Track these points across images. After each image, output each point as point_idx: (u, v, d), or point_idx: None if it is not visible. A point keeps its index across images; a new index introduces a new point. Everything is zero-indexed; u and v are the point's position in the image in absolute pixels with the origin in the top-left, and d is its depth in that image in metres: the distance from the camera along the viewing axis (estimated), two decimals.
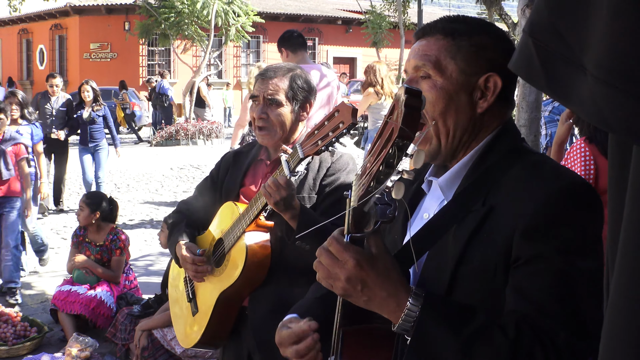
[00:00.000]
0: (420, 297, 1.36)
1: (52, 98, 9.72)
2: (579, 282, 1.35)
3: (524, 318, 1.34)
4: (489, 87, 1.54)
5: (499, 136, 1.56)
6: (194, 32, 21.72)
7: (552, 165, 1.51)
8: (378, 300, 1.36)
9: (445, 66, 1.53)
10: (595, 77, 0.75)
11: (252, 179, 2.85)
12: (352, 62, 35.08)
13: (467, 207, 1.47)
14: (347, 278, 1.34)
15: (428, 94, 1.53)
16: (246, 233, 2.60)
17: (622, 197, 0.82)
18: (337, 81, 6.20)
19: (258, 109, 2.72)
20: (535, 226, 1.37)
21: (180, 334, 2.98)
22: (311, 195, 2.69)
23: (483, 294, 1.42)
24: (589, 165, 3.18)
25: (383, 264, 1.36)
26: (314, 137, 2.22)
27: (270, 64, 2.95)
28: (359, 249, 1.35)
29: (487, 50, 1.54)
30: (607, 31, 0.73)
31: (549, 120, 5.52)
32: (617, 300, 0.80)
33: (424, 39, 1.59)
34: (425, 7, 27.83)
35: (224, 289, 2.65)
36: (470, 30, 1.56)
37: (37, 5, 24.68)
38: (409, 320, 1.35)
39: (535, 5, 0.85)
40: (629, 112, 0.72)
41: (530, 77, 0.86)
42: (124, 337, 4.88)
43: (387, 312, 1.38)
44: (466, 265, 1.44)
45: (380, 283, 1.35)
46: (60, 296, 5.34)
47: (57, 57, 31.99)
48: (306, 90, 2.79)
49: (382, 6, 25.71)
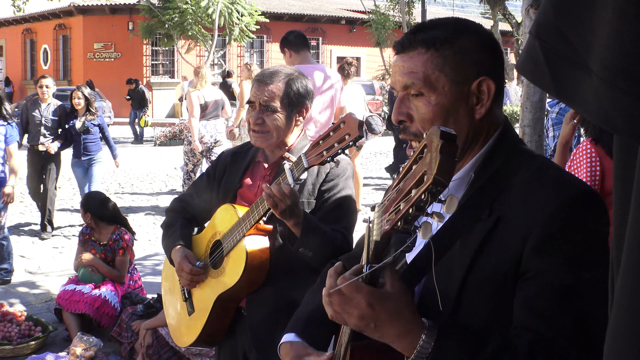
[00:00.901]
0: (434, 332, 1.35)
1: (42, 105, 8.53)
2: (588, 295, 1.34)
3: (536, 339, 1.34)
4: (482, 91, 1.51)
5: (498, 141, 1.55)
6: (197, 32, 21.73)
7: (556, 171, 1.49)
8: (391, 338, 1.37)
9: (436, 80, 1.50)
10: (600, 79, 0.75)
11: (250, 180, 2.85)
12: (356, 62, 35.08)
13: (474, 215, 1.46)
14: (359, 316, 1.35)
15: (424, 111, 1.51)
16: (246, 237, 2.60)
17: (627, 198, 0.82)
18: (340, 82, 6.21)
19: (254, 114, 2.73)
20: (545, 239, 1.36)
21: (176, 332, 2.98)
22: (310, 201, 2.70)
23: (492, 304, 1.42)
24: (594, 167, 3.18)
25: (395, 303, 1.35)
26: (319, 148, 2.22)
27: (266, 68, 2.93)
28: (371, 290, 1.35)
29: (471, 53, 1.51)
30: (612, 33, 0.73)
31: (557, 122, 5.48)
32: (622, 301, 0.80)
33: (405, 54, 1.55)
34: (429, 7, 27.85)
35: (222, 291, 2.66)
36: (449, 35, 1.52)
37: (41, 5, 24.75)
38: (421, 357, 1.35)
39: (541, 7, 0.85)
40: (633, 114, 0.73)
41: (537, 78, 0.87)
42: (129, 335, 4.89)
43: (401, 348, 1.38)
44: (475, 275, 1.43)
45: (392, 322, 1.35)
46: (65, 295, 5.36)
47: (60, 57, 32.05)
48: (302, 95, 2.78)
49: (386, 6, 25.70)
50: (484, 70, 1.51)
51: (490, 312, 1.41)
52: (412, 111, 1.53)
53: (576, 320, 1.34)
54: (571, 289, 1.34)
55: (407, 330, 1.35)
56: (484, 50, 1.54)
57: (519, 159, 1.51)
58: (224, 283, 2.66)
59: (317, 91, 5.73)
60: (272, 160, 2.82)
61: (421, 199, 1.19)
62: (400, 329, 1.35)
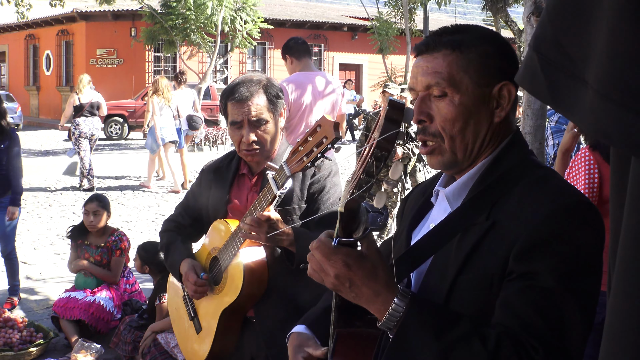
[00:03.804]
0: (407, 297, 1.40)
1: None
2: (569, 302, 1.35)
3: (506, 331, 1.35)
4: (503, 95, 1.54)
5: (507, 148, 1.57)
6: (199, 38, 21.78)
7: (557, 182, 1.51)
8: (365, 298, 1.42)
9: (460, 81, 1.52)
10: (596, 91, 0.77)
11: (237, 194, 2.85)
12: (358, 69, 35.13)
13: (471, 218, 1.49)
14: (335, 275, 1.40)
15: (446, 111, 1.53)
16: (241, 250, 2.61)
17: (622, 204, 0.84)
18: (341, 88, 6.23)
19: (245, 133, 2.68)
20: (533, 243, 1.38)
21: (188, 352, 2.99)
22: (301, 205, 2.70)
23: (479, 305, 1.44)
24: (593, 174, 3.18)
25: (371, 264, 1.41)
26: (299, 154, 2.20)
27: (230, 83, 2.81)
28: (347, 250, 1.41)
29: (494, 59, 1.55)
30: (607, 47, 0.75)
31: (556, 130, 5.49)
32: (616, 303, 0.82)
33: (429, 55, 1.57)
34: (431, 14, 27.91)
35: (225, 307, 2.67)
36: (474, 40, 1.56)
37: (44, 11, 24.80)
38: (392, 319, 1.40)
39: (540, 20, 0.87)
40: (628, 126, 0.74)
41: (535, 90, 0.89)
42: (127, 348, 4.89)
43: (374, 310, 1.43)
44: (465, 276, 1.46)
45: (367, 282, 1.40)
46: (60, 303, 5.38)
47: (63, 63, 32.12)
48: (280, 97, 2.78)
49: (389, 13, 25.75)
50: (505, 76, 1.54)
51: (475, 313, 1.43)
52: (432, 111, 1.56)
53: (550, 325, 1.35)
54: (551, 294, 1.35)
55: (381, 291, 1.41)
56: (505, 57, 1.57)
57: (524, 168, 1.53)
58: (226, 299, 2.67)
59: (319, 96, 5.75)
60: (257, 171, 2.81)
61: (369, 163, 1.30)
62: (375, 288, 1.41)
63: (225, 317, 2.70)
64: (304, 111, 5.64)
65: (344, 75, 33.10)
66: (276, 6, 34.46)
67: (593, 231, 1.41)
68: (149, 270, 5.27)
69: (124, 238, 5.68)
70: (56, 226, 9.38)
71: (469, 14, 49.28)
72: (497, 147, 1.57)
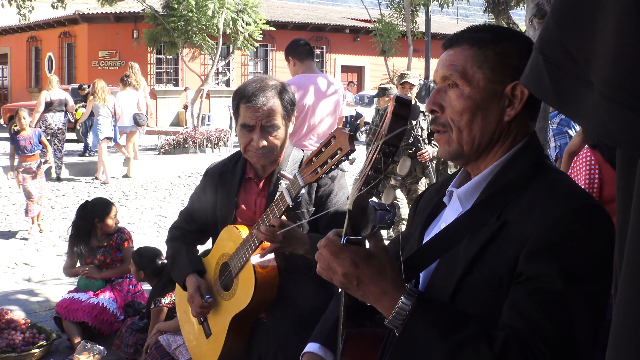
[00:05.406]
0: (414, 296, 1.40)
1: None
2: (578, 305, 1.35)
3: (514, 334, 1.35)
4: (516, 95, 1.56)
5: (521, 151, 1.58)
6: (202, 40, 21.77)
7: (569, 186, 1.51)
8: (373, 296, 1.43)
9: (472, 75, 1.56)
10: (601, 93, 0.77)
11: (245, 199, 2.84)
12: (360, 71, 35.13)
13: (481, 219, 1.49)
14: (343, 274, 1.41)
15: (456, 102, 1.57)
16: (252, 257, 2.60)
17: (629, 206, 0.84)
18: (342, 89, 6.23)
19: (256, 138, 2.67)
20: (542, 245, 1.38)
21: (197, 356, 2.99)
22: (309, 209, 2.70)
23: (485, 306, 1.44)
24: (593, 174, 3.19)
25: (379, 262, 1.42)
26: (313, 165, 2.19)
27: (247, 84, 2.77)
28: (356, 248, 1.42)
29: (512, 58, 1.56)
30: (612, 48, 0.75)
31: (558, 132, 5.50)
32: (622, 304, 0.82)
33: (451, 49, 1.62)
34: (433, 16, 27.90)
35: (236, 313, 2.67)
36: (495, 38, 1.58)
37: (46, 13, 24.83)
38: (399, 317, 1.40)
39: (545, 22, 0.87)
40: (633, 127, 0.74)
41: (540, 92, 0.89)
42: (129, 351, 4.88)
43: (382, 308, 1.43)
44: (472, 276, 1.46)
45: (374, 280, 1.41)
46: (63, 304, 5.36)
47: (65, 65, 32.14)
48: (293, 103, 2.77)
49: (391, 15, 25.72)
50: (520, 76, 1.54)
51: (481, 314, 1.43)
52: (444, 102, 1.60)
53: (559, 328, 1.34)
54: (560, 296, 1.35)
55: (387, 290, 1.41)
56: (525, 57, 1.57)
57: (537, 171, 1.54)
58: (237, 305, 2.67)
59: (321, 97, 5.74)
60: (263, 175, 2.81)
61: (377, 159, 1.31)
62: (383, 287, 1.41)
63: (236, 323, 2.70)
64: (306, 113, 5.64)
65: (346, 77, 33.11)
66: (278, 8, 34.48)
67: (603, 235, 1.40)
68: (144, 276, 5.19)
69: (125, 230, 5.69)
70: (58, 228, 9.38)
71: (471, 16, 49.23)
72: (511, 149, 1.58)
